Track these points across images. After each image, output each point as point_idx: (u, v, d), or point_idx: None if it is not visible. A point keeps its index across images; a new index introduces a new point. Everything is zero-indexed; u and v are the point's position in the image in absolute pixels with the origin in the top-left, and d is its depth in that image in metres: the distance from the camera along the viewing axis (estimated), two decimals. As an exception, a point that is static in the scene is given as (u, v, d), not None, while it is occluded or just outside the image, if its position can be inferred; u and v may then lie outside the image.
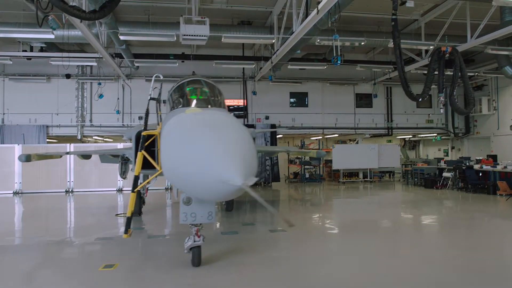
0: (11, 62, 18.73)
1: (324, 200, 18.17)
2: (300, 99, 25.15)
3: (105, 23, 14.10)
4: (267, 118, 24.33)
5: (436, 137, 28.24)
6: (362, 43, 16.77)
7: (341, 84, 25.27)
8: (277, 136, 25.43)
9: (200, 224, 7.15)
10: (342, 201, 18.00)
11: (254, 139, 9.11)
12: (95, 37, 14.81)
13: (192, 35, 14.62)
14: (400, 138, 32.65)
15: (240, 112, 23.83)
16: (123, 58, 18.91)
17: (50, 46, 18.53)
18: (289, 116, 24.73)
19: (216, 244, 9.16)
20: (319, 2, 11.12)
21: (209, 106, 6.46)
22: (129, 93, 22.69)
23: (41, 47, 18.92)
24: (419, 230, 11.29)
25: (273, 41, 15.86)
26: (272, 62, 18.39)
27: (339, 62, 13.40)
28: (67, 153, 13.57)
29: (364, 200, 17.90)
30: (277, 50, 16.92)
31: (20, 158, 12.76)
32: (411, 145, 33.56)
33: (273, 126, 23.97)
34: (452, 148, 28.84)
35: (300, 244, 9.09)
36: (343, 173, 24.82)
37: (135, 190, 6.91)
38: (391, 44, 15.73)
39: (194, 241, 7.07)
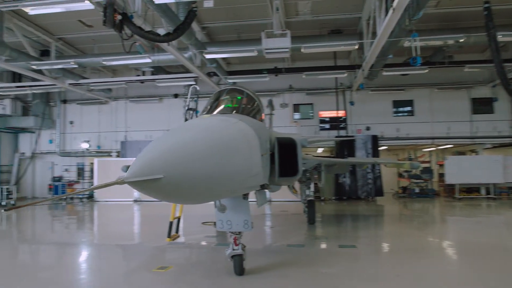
0: (127, 86, 21.56)
1: (426, 217, 16.38)
2: (404, 108, 23.34)
3: (191, 44, 15.19)
4: (368, 129, 23.11)
5: None
6: (461, 40, 14.86)
7: (453, 88, 22.69)
8: (381, 148, 23.93)
9: (239, 232, 7.14)
10: (448, 219, 15.99)
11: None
12: (187, 59, 16.16)
13: (273, 49, 14.91)
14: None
15: (335, 123, 23.18)
16: (218, 76, 20.09)
17: (158, 69, 20.75)
18: (393, 126, 23.09)
19: (275, 255, 9.06)
20: (393, 0, 10.36)
21: (233, 113, 6.48)
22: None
23: (152, 72, 21.31)
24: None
25: (356, 47, 15.13)
26: (363, 70, 17.56)
27: (418, 62, 12.13)
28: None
29: (474, 220, 15.53)
30: (366, 57, 16.15)
31: (122, 169, 14.45)
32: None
33: (374, 137, 22.65)
34: None
35: (362, 262, 8.34)
36: (460, 188, 22.06)
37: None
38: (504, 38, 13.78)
39: (233, 249, 7.07)
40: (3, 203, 21.25)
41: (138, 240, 12.06)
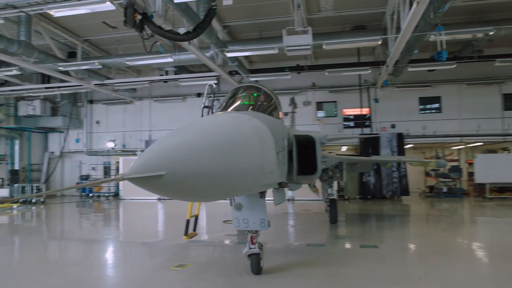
0: (150, 86, 21.88)
1: (454, 218, 15.85)
2: (431, 104, 22.68)
3: (211, 43, 15.22)
4: (393, 126, 22.60)
5: None
6: (491, 33, 14.25)
7: (483, 84, 21.87)
8: (407, 146, 23.37)
9: (256, 231, 7.06)
10: (478, 220, 15.42)
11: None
12: (209, 58, 16.22)
13: (294, 46, 14.75)
14: None
15: (359, 121, 22.77)
16: (240, 74, 20.08)
17: (180, 69, 20.92)
18: (419, 123, 22.48)
19: (294, 254, 8.94)
20: (417, -7, 10.04)
21: (249, 110, 6.37)
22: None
23: (175, 71, 21.51)
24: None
25: (379, 42, 14.75)
26: (387, 66, 17.15)
27: (444, 57, 11.70)
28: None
29: (506, 221, 14.85)
30: (390, 52, 15.75)
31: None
32: None
33: (400, 135, 22.13)
34: None
35: (384, 263, 8.08)
36: (490, 187, 21.25)
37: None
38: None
39: (250, 248, 6.99)
40: (34, 200, 21.96)
41: (158, 237, 12.18)
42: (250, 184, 4.74)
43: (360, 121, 23.03)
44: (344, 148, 25.85)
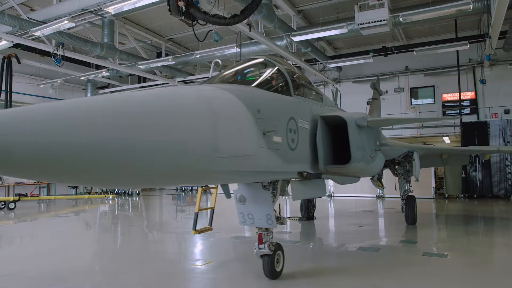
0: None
1: None
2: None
3: (275, 27, 14.37)
4: (507, 112, 18.91)
5: None
6: None
7: None
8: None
9: (266, 229, 6.09)
10: None
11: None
12: (282, 47, 15.48)
13: (367, 23, 13.17)
14: None
15: (462, 107, 19.53)
16: (319, 61, 18.83)
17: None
18: (543, 107, 18.44)
19: (336, 259, 7.80)
20: None
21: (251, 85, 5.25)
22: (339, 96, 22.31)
23: (253, 63, 21.16)
24: None
25: (470, 6, 12.10)
26: (490, 37, 14.24)
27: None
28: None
29: None
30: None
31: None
32: None
33: (516, 122, 18.42)
34: None
35: (442, 277, 6.33)
36: None
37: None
38: None
39: (259, 248, 6.04)
40: (130, 192, 23.80)
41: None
42: (184, 169, 3.68)
43: (467, 106, 19.77)
44: (447, 140, 22.57)
